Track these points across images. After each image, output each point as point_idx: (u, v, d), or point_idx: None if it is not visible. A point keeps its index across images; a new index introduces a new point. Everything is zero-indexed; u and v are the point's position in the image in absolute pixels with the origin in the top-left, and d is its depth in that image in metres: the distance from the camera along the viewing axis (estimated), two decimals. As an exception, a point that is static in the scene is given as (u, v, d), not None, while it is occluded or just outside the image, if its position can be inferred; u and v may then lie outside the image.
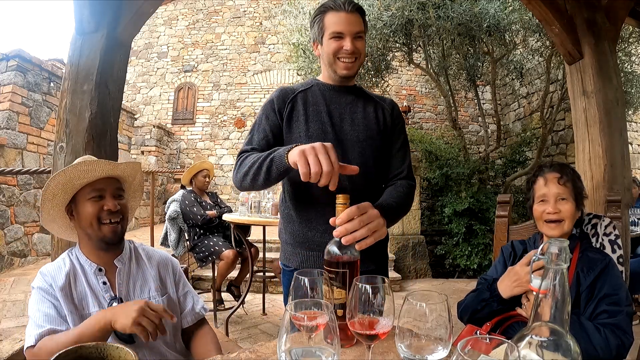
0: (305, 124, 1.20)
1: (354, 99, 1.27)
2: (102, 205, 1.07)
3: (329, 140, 1.11)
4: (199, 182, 3.45)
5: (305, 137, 1.18)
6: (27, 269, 3.80)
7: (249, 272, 3.31)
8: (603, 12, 2.07)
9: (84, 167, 1.05)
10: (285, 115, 1.22)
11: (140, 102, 8.44)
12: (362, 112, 1.25)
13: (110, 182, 1.11)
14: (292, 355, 0.59)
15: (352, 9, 1.18)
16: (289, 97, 1.23)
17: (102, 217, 1.07)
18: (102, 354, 0.68)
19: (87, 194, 1.08)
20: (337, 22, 1.17)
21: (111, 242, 1.09)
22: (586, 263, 1.18)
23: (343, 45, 1.17)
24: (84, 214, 1.07)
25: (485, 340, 0.55)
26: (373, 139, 1.23)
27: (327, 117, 1.21)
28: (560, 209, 1.22)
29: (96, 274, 1.08)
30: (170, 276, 1.20)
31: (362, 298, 0.68)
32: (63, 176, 1.04)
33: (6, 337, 2.12)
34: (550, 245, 0.57)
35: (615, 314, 1.07)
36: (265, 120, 1.22)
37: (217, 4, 8.52)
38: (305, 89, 1.26)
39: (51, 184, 1.04)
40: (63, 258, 1.10)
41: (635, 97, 5.20)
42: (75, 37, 1.75)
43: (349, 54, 1.18)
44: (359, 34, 1.19)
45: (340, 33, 1.17)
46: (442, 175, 5.85)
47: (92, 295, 1.05)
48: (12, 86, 3.90)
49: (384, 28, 4.28)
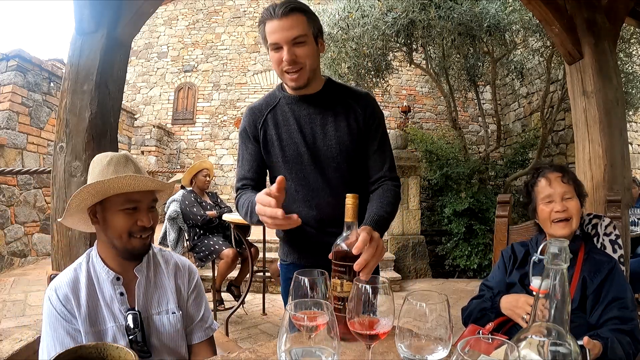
0: (280, 149, 1.19)
1: (322, 109, 1.19)
2: (136, 220, 0.98)
3: (305, 161, 1.17)
4: (200, 181, 3.45)
5: (282, 163, 1.19)
6: (27, 269, 3.80)
7: (249, 272, 3.31)
8: (603, 12, 2.07)
9: (126, 180, 0.95)
10: (260, 140, 1.21)
11: (140, 102, 8.44)
12: (333, 124, 1.18)
13: (147, 193, 1.01)
14: (292, 355, 0.59)
15: (285, 13, 1.07)
16: (260, 121, 1.20)
17: (134, 232, 0.98)
18: (102, 354, 0.68)
19: (120, 204, 0.97)
20: (272, 32, 1.08)
21: (140, 254, 1.02)
22: (592, 265, 1.18)
23: (282, 56, 1.08)
24: (114, 224, 0.97)
25: (487, 341, 0.55)
26: (347, 151, 1.19)
27: (300, 136, 1.18)
28: (568, 206, 1.22)
29: (113, 284, 1.00)
30: (185, 285, 1.11)
31: (362, 298, 0.68)
32: (99, 187, 0.94)
33: (6, 337, 2.12)
34: (550, 246, 0.57)
35: (627, 321, 1.07)
36: (246, 151, 1.24)
37: (217, 4, 8.52)
38: (274, 106, 1.21)
39: (82, 192, 0.94)
40: (80, 263, 1.02)
41: (635, 97, 5.20)
42: (75, 37, 1.75)
43: (289, 65, 1.09)
44: (297, 39, 1.07)
45: (276, 43, 1.08)
46: (442, 175, 5.85)
47: (106, 307, 0.98)
48: (12, 86, 3.90)
49: (387, 29, 4.28)
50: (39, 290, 3.12)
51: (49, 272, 1.25)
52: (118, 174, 0.98)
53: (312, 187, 1.19)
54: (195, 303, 1.11)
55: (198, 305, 1.12)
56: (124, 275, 1.01)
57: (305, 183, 1.19)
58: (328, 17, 4.53)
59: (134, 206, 0.98)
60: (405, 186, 5.28)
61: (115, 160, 1.02)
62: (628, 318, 1.07)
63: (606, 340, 1.01)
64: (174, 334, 1.04)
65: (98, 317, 0.97)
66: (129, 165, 1.02)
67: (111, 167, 1.00)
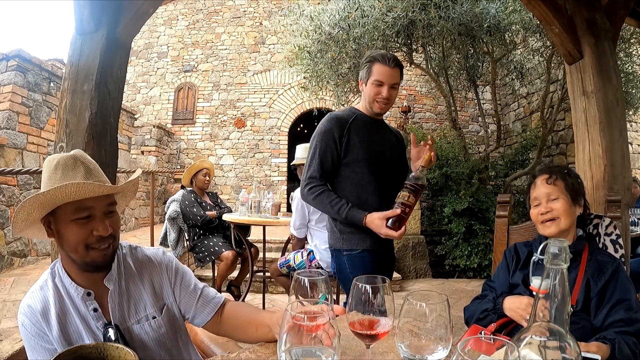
0: (362, 150, 1.58)
1: (384, 129, 1.71)
2: (91, 230, 0.87)
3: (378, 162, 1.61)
4: (200, 181, 3.45)
5: (362, 161, 1.58)
6: (27, 269, 3.80)
7: (249, 272, 3.31)
8: (603, 12, 2.07)
9: (70, 189, 0.83)
10: (343, 142, 1.58)
11: (140, 102, 8.44)
12: (390, 141, 1.70)
13: (101, 198, 0.88)
14: (292, 355, 0.59)
15: (395, 65, 1.56)
16: (345, 128, 1.59)
17: (91, 244, 0.87)
18: (102, 354, 0.68)
19: (71, 213, 0.86)
20: (381, 73, 1.56)
21: (100, 266, 0.91)
22: (596, 267, 1.17)
23: (381, 91, 1.57)
24: (67, 237, 0.87)
25: (488, 341, 0.55)
26: (401, 161, 1.73)
27: (373, 145, 1.61)
28: (552, 207, 1.23)
29: (84, 300, 0.91)
30: (165, 279, 1.01)
31: (362, 298, 0.68)
32: (42, 198, 0.83)
33: (6, 337, 2.12)
34: (550, 245, 0.57)
35: (633, 322, 1.06)
36: (327, 150, 1.58)
37: (217, 4, 8.52)
38: (354, 119, 1.62)
39: (25, 205, 0.84)
40: (45, 281, 0.92)
41: (635, 97, 5.19)
42: (75, 37, 1.75)
43: (384, 99, 1.58)
44: (394, 85, 1.58)
45: (381, 82, 1.56)
46: (442, 175, 5.85)
47: (84, 325, 0.90)
48: (12, 86, 3.90)
49: (387, 29, 4.28)
50: (39, 290, 3.12)
51: (48, 272, 1.25)
52: (66, 179, 0.87)
53: (381, 181, 1.61)
54: (184, 288, 1.02)
55: (187, 287, 1.02)
56: (94, 288, 0.92)
57: (377, 178, 1.60)
58: (328, 17, 4.52)
59: (86, 214, 0.87)
60: (405, 186, 5.27)
61: (63, 163, 0.90)
62: (634, 319, 1.06)
63: (613, 341, 1.01)
64: (160, 337, 0.97)
65: (74, 336, 0.89)
66: (78, 168, 0.90)
67: (59, 172, 0.89)
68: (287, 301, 0.71)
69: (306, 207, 2.58)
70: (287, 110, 8.04)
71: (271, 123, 8.00)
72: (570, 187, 1.26)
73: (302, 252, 2.67)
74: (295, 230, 2.67)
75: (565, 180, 1.26)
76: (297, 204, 2.61)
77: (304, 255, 2.64)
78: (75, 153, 0.93)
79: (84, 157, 0.94)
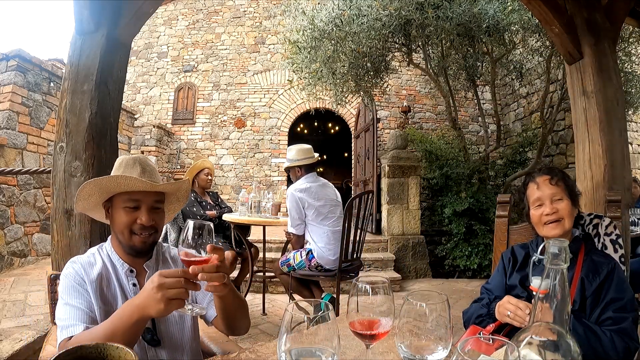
0: None
1: None
2: (136, 218, 1.04)
3: None
4: (202, 180, 3.44)
5: None
6: (27, 269, 3.80)
7: (249, 272, 3.31)
8: (603, 12, 2.07)
9: (120, 180, 1.02)
10: None
11: (140, 102, 8.43)
12: None
13: (149, 194, 1.06)
14: (292, 355, 0.59)
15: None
16: None
17: (134, 230, 1.04)
18: (102, 354, 0.68)
19: (123, 201, 1.04)
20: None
21: (140, 252, 1.07)
22: (591, 267, 1.17)
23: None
24: (117, 220, 1.05)
25: (487, 341, 0.55)
26: None
27: None
28: (558, 207, 1.22)
29: (127, 275, 1.06)
30: None
31: (361, 298, 0.68)
32: (99, 183, 1.02)
33: (6, 337, 2.12)
34: (550, 245, 0.57)
35: (620, 321, 1.06)
36: None
37: (217, 4, 8.51)
38: None
39: (85, 188, 1.03)
40: (93, 253, 1.08)
41: (635, 97, 5.19)
42: (75, 37, 1.75)
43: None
44: None
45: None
46: (442, 175, 5.85)
47: (123, 296, 1.04)
48: (12, 86, 3.90)
49: (383, 29, 4.26)
50: (39, 290, 3.12)
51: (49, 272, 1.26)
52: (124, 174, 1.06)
53: None
54: None
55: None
56: (136, 269, 1.08)
57: None
58: (323, 14, 4.50)
59: (135, 205, 1.04)
60: (405, 186, 5.28)
61: (125, 162, 1.11)
62: (622, 318, 1.07)
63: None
64: (182, 324, 1.09)
65: (113, 301, 1.02)
66: (135, 167, 1.09)
67: (121, 168, 1.10)
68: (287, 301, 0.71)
69: (301, 202, 2.59)
70: (287, 110, 8.04)
71: (271, 123, 8.00)
72: (570, 188, 1.26)
73: (301, 251, 2.67)
74: (293, 228, 2.67)
75: (566, 182, 1.26)
76: (291, 200, 2.61)
77: (302, 255, 2.65)
78: (138, 156, 1.15)
79: (143, 159, 1.13)
